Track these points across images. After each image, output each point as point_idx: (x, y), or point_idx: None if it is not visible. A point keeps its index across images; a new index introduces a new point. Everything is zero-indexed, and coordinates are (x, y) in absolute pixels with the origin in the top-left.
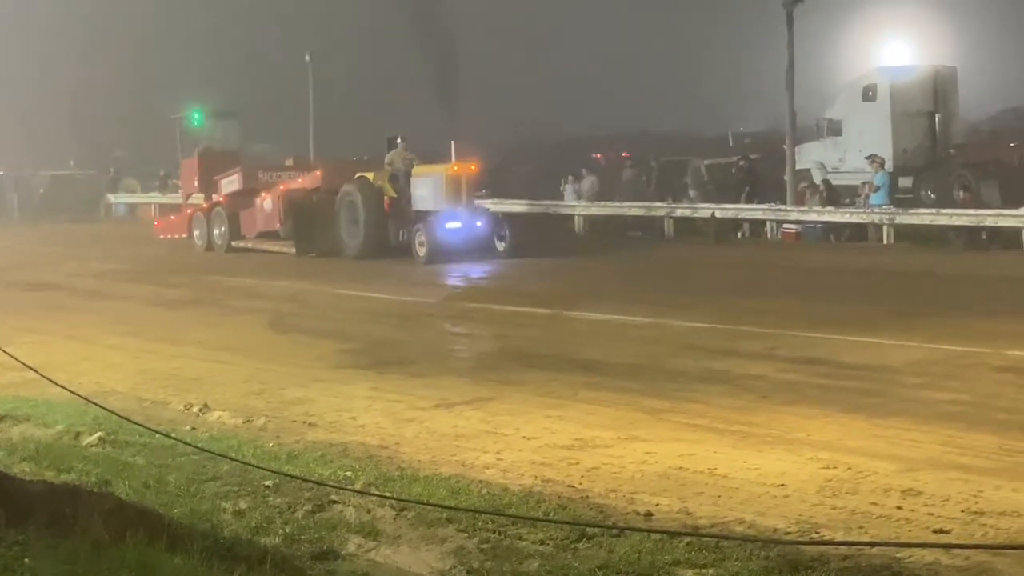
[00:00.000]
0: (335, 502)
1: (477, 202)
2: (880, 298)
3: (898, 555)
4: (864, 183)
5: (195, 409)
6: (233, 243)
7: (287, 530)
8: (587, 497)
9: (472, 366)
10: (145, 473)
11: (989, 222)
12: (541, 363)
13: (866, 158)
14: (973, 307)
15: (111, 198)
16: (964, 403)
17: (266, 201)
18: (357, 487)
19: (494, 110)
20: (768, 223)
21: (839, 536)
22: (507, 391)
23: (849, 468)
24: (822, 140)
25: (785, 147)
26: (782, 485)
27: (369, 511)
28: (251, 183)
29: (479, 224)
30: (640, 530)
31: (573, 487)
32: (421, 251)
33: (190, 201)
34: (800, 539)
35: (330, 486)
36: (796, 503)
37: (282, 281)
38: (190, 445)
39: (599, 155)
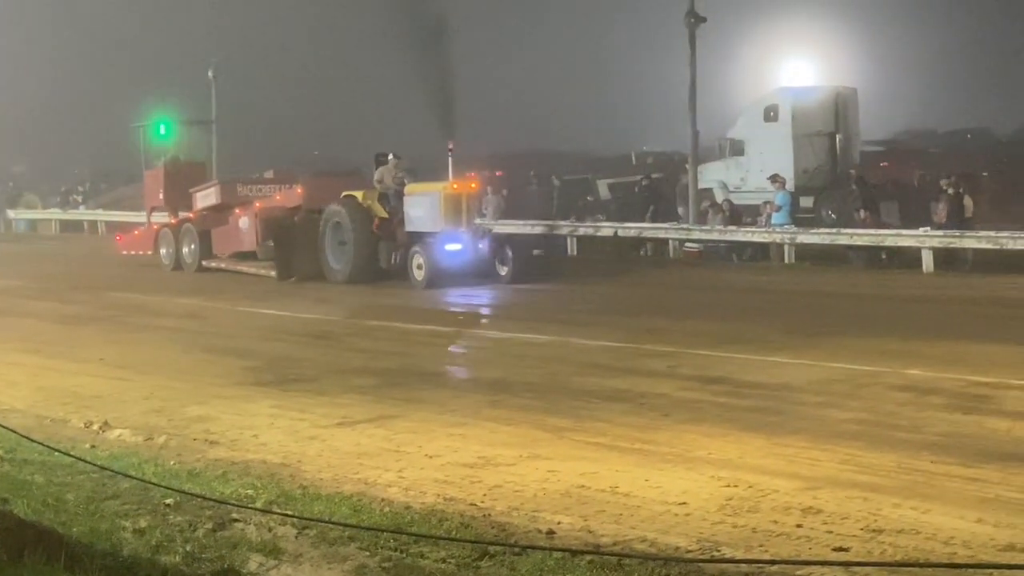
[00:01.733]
0: (236, 520)
1: (478, 222)
2: (781, 317)
3: (798, 573)
4: (766, 203)
5: (95, 427)
6: (204, 263)
7: (188, 549)
8: (489, 515)
9: (375, 384)
10: (44, 492)
11: (889, 242)
12: (444, 381)
13: (768, 178)
14: (873, 326)
15: (11, 214)
16: (863, 422)
17: (242, 219)
18: (258, 505)
19: (394, 128)
20: (671, 242)
21: (740, 554)
22: (410, 409)
23: (750, 486)
24: (724, 160)
25: (688, 166)
26: (683, 503)
27: (270, 529)
28: (230, 197)
29: (481, 246)
30: (542, 548)
31: (475, 505)
32: (419, 275)
33: (154, 217)
34: (701, 557)
35: (231, 504)
36: (697, 521)
37: (186, 299)
38: (90, 463)
39: (500, 172)
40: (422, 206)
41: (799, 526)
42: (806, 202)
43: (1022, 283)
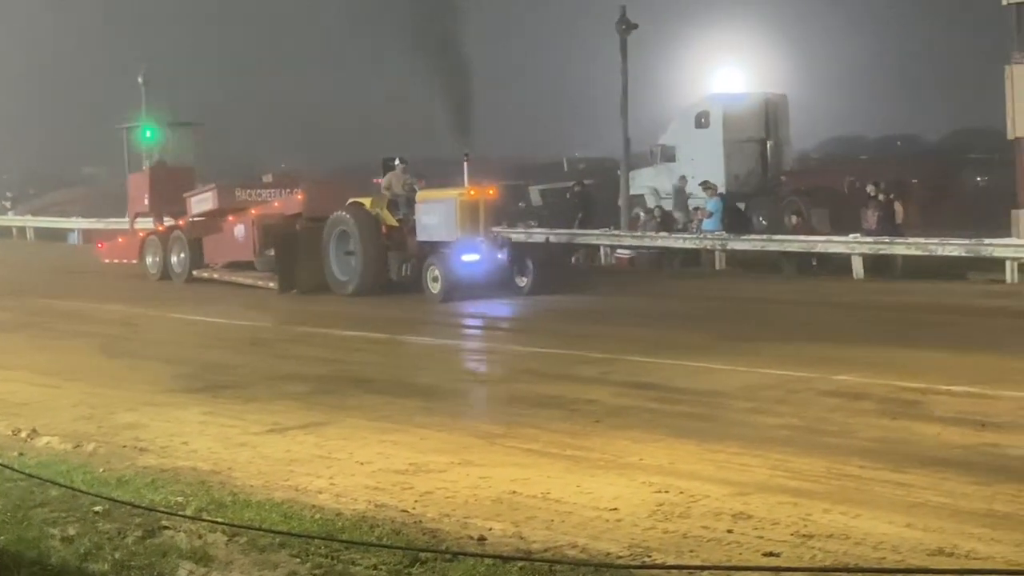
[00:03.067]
0: (166, 528)
1: (496, 230)
2: (712, 323)
3: None
4: (696, 208)
5: (23, 434)
6: (195, 272)
7: (117, 556)
8: (420, 522)
9: (307, 390)
10: None
11: (819, 248)
12: (376, 388)
13: (699, 184)
14: (803, 332)
15: None
16: (793, 427)
17: (237, 227)
18: (188, 512)
19: (321, 136)
20: (602, 248)
21: (671, 560)
22: (341, 416)
23: (681, 492)
24: (656, 166)
25: (619, 173)
26: (615, 509)
27: (201, 537)
28: (228, 202)
29: (501, 256)
30: (474, 555)
31: (407, 512)
32: (435, 287)
33: (137, 223)
34: (632, 563)
35: (161, 512)
36: (628, 527)
37: (116, 305)
38: (17, 471)
39: (421, 181)
40: (436, 214)
41: (730, 531)
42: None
43: (951, 289)
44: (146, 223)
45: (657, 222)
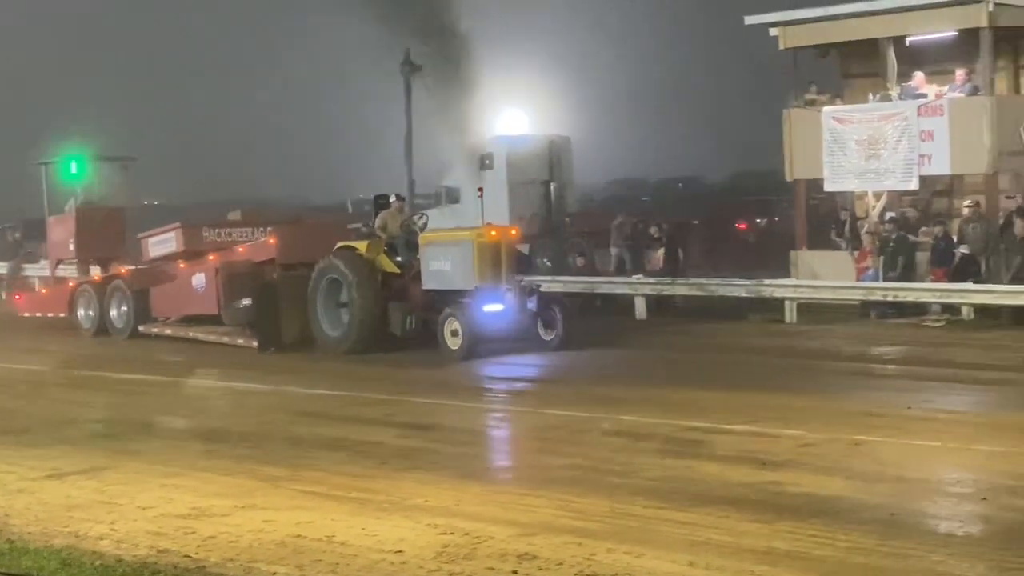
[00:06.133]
0: None
1: (519, 277)
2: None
3: None
4: None
5: None
6: (141, 328)
7: None
8: (204, 567)
9: (87, 435)
10: None
11: (603, 288)
12: (158, 432)
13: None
14: (587, 373)
15: None
16: (578, 467)
17: (196, 275)
18: None
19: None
20: None
21: None
22: (123, 460)
23: (466, 533)
24: (440, 207)
25: None
26: (400, 551)
27: None
28: (195, 244)
29: (530, 306)
30: None
31: (189, 557)
32: (453, 342)
33: (59, 270)
34: None
35: None
36: (414, 569)
37: None
38: None
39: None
40: (447, 258)
41: (514, 572)
42: (522, 249)
43: (732, 329)
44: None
45: None
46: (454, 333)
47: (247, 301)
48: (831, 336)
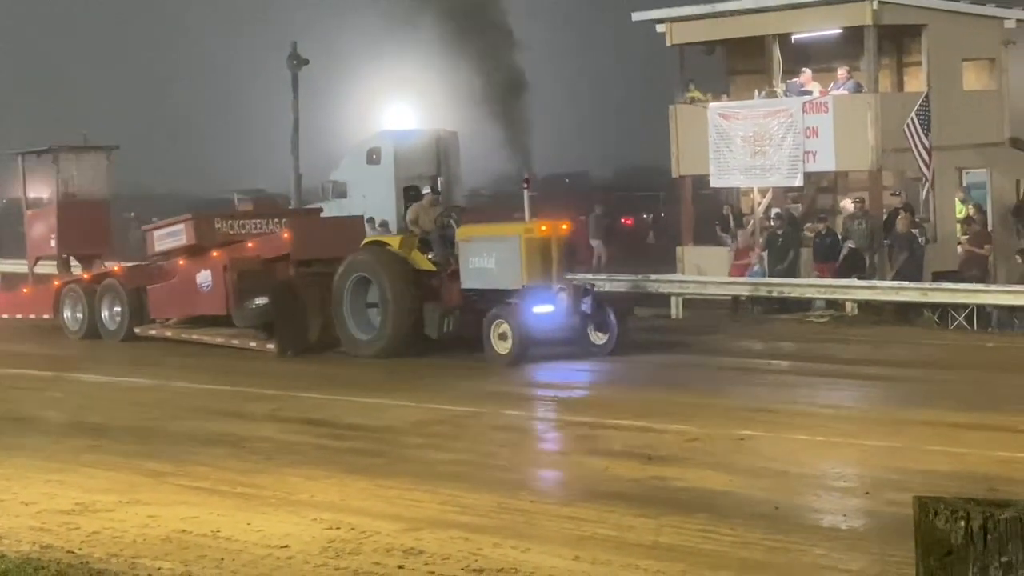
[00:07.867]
0: None
1: (570, 277)
2: (381, 360)
3: None
4: None
5: None
6: (138, 330)
7: None
8: (87, 563)
9: None
10: None
11: None
12: (42, 427)
13: (367, 221)
14: (473, 369)
15: None
16: (465, 463)
17: (200, 273)
18: None
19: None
20: None
21: None
22: (4, 456)
23: (352, 528)
24: (327, 202)
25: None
26: (285, 547)
27: None
28: (206, 237)
29: (584, 307)
30: None
31: (73, 552)
32: (502, 346)
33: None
34: None
35: None
36: (300, 564)
37: None
38: None
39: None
40: (492, 255)
41: (401, 567)
42: None
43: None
44: (50, 267)
45: None
46: (502, 336)
47: (261, 301)
48: (717, 332)
